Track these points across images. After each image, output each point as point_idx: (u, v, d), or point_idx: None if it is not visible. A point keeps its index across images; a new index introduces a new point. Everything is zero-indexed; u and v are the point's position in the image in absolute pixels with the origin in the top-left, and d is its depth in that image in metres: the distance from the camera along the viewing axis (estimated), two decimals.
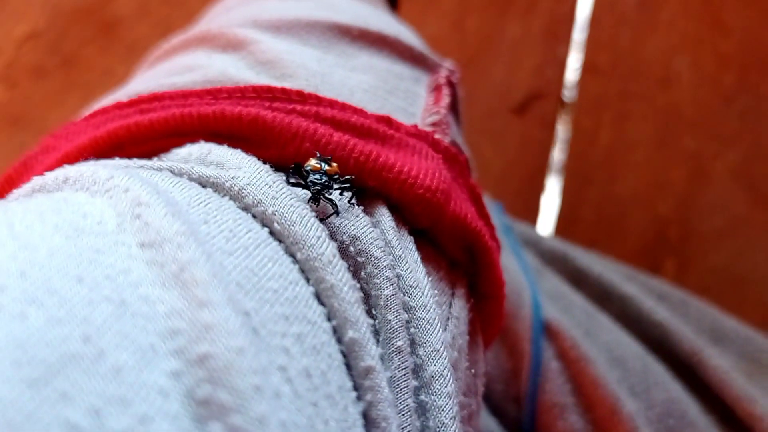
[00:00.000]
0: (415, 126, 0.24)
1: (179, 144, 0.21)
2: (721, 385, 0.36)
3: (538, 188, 0.61)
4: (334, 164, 0.21)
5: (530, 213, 0.61)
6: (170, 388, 0.13)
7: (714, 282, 0.56)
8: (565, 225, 0.60)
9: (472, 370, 0.23)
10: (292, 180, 0.20)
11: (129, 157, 0.21)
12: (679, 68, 0.62)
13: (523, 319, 0.36)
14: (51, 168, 0.20)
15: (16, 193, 0.19)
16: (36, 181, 0.19)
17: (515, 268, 0.39)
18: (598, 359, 0.35)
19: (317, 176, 0.20)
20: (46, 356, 0.12)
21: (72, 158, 0.21)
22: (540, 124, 0.63)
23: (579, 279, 0.41)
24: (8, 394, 0.11)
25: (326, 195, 0.20)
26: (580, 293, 0.40)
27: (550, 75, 0.64)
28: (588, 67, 0.63)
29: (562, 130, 0.62)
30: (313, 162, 0.20)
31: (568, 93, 0.63)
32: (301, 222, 0.18)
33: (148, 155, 0.22)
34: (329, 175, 0.20)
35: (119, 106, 0.23)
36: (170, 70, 0.26)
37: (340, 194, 0.21)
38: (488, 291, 0.24)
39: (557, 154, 0.62)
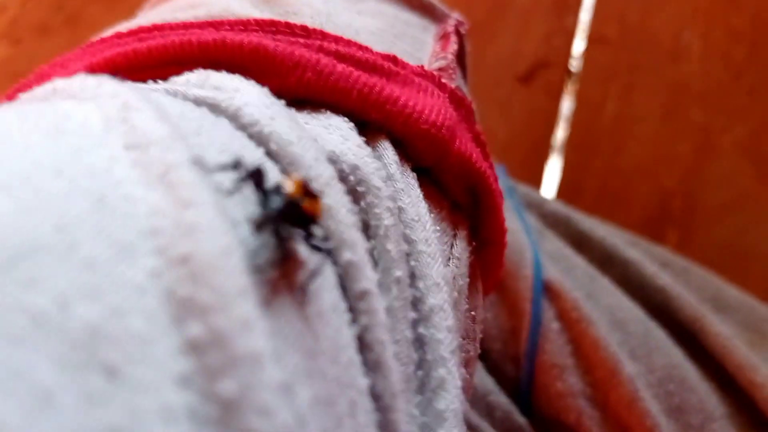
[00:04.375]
0: (422, 66, 0.24)
1: (177, 73, 0.21)
2: (722, 352, 0.36)
3: (543, 158, 0.61)
4: (319, 205, 0.15)
5: (534, 182, 0.60)
6: (148, 285, 0.12)
7: (717, 256, 0.55)
8: (568, 195, 0.59)
9: (472, 313, 0.22)
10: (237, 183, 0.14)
11: None
12: (689, 41, 0.61)
13: (523, 279, 0.36)
14: None
15: None
16: (23, 96, 0.18)
17: (517, 228, 0.39)
18: (599, 321, 0.35)
19: (278, 200, 0.14)
20: (13, 242, 0.11)
21: None
22: (546, 93, 0.62)
23: (581, 242, 0.40)
24: None
25: (282, 230, 0.14)
26: (582, 256, 0.39)
27: (558, 44, 0.63)
28: (596, 38, 0.62)
29: (568, 100, 0.62)
30: (288, 183, 0.15)
31: (575, 63, 0.62)
32: (298, 143, 0.17)
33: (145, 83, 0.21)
34: (302, 215, 0.14)
35: (118, 35, 0.23)
36: (173, 8, 0.26)
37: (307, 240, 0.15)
38: (490, 236, 0.24)
39: (562, 125, 0.61)
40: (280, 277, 0.14)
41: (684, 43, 0.61)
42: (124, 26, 0.25)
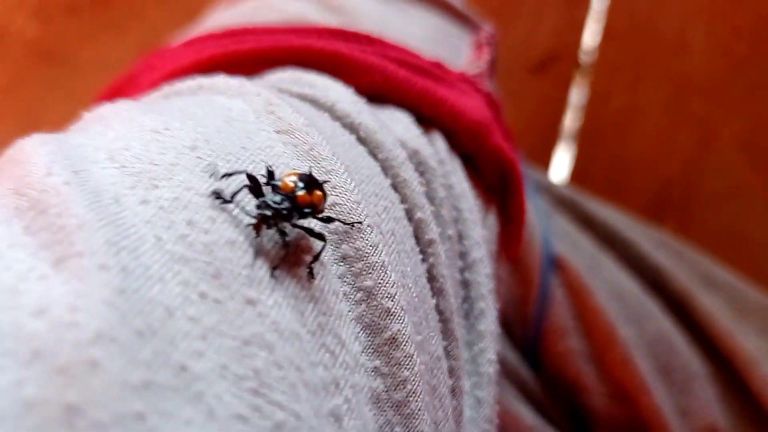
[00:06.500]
0: (462, 73, 0.28)
1: (266, 70, 0.25)
2: (707, 322, 0.40)
3: (551, 145, 0.63)
4: (318, 192, 0.17)
5: (542, 167, 0.63)
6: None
7: (712, 240, 0.57)
8: (577, 181, 0.62)
9: (497, 275, 0.27)
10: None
11: None
12: (693, 37, 0.62)
13: (533, 253, 0.40)
14: (155, 83, 0.25)
15: (149, 95, 0.24)
16: (167, 88, 0.23)
17: (529, 209, 0.43)
18: (599, 292, 0.39)
19: (278, 198, 0.16)
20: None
21: (176, 76, 0.26)
22: (556, 85, 0.64)
23: (586, 223, 0.44)
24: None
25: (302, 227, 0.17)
26: (586, 235, 0.44)
27: (568, 37, 0.64)
28: (605, 32, 0.63)
29: (576, 92, 0.64)
30: (289, 179, 0.17)
31: (585, 56, 0.64)
32: (380, 131, 0.22)
33: None
34: (298, 204, 0.17)
35: (214, 36, 0.27)
36: (254, 8, 0.30)
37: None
38: (513, 214, 0.29)
39: (571, 116, 0.64)
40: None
41: (688, 38, 0.62)
42: (210, 26, 0.30)
